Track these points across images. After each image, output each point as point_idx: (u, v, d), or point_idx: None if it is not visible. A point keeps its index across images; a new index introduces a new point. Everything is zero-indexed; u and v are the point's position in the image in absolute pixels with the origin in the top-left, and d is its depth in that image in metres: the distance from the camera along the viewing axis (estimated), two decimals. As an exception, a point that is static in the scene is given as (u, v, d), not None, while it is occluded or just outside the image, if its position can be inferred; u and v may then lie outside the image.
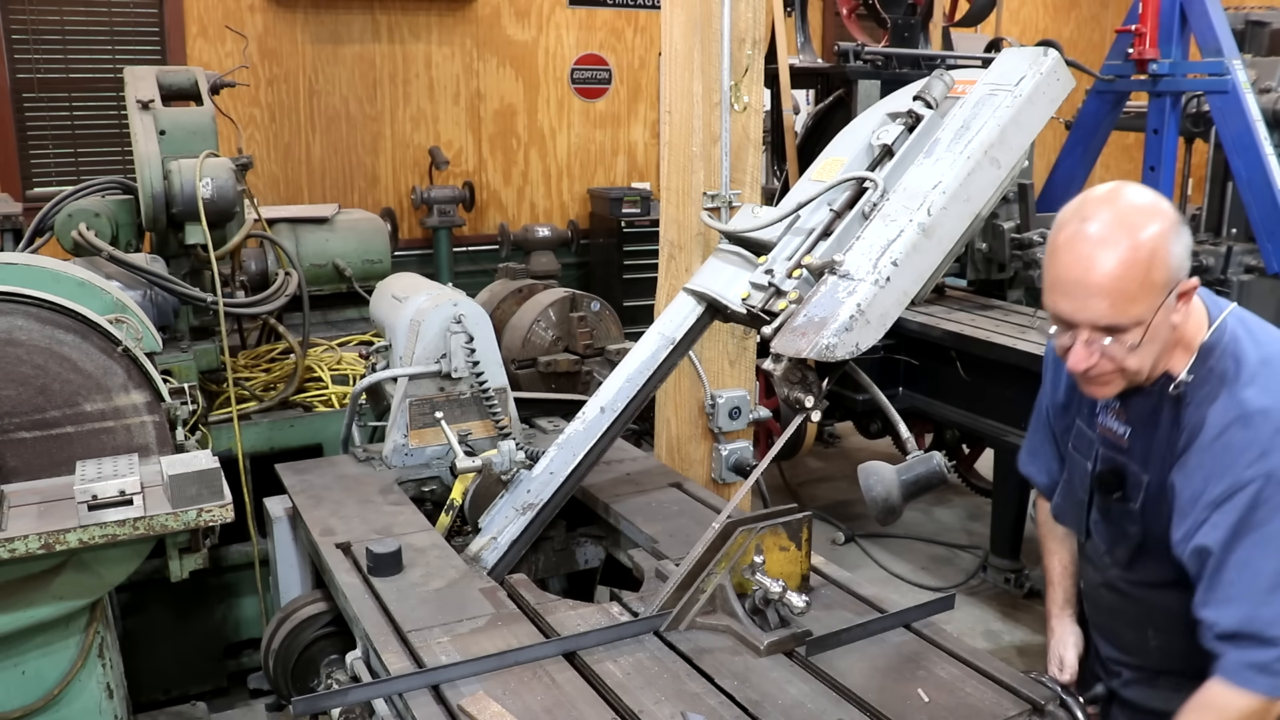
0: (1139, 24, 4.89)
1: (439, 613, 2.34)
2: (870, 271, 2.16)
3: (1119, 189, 1.80)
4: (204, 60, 6.52)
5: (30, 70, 6.30)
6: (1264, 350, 1.78)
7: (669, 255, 3.61)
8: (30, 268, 2.94)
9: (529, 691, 2.05)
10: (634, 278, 7.12)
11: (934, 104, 2.40)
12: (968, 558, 5.24)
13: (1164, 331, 1.77)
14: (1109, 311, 1.73)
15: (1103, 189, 1.82)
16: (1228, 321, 1.83)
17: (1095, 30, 9.42)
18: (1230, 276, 5.15)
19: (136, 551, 2.59)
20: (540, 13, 7.45)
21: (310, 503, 2.97)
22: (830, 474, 6.40)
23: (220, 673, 3.89)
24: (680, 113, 3.47)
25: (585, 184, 7.81)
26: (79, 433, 2.80)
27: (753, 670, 2.12)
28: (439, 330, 3.16)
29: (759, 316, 2.37)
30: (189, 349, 3.68)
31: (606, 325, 4.21)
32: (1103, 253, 1.71)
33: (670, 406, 3.67)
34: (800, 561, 2.35)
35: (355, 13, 6.91)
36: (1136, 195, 1.78)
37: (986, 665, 2.13)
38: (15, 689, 2.58)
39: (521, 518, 2.71)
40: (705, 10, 3.34)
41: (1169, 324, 1.77)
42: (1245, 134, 4.75)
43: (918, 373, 4.95)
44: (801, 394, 2.19)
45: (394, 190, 7.24)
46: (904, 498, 2.15)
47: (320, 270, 4.64)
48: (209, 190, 3.66)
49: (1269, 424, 1.70)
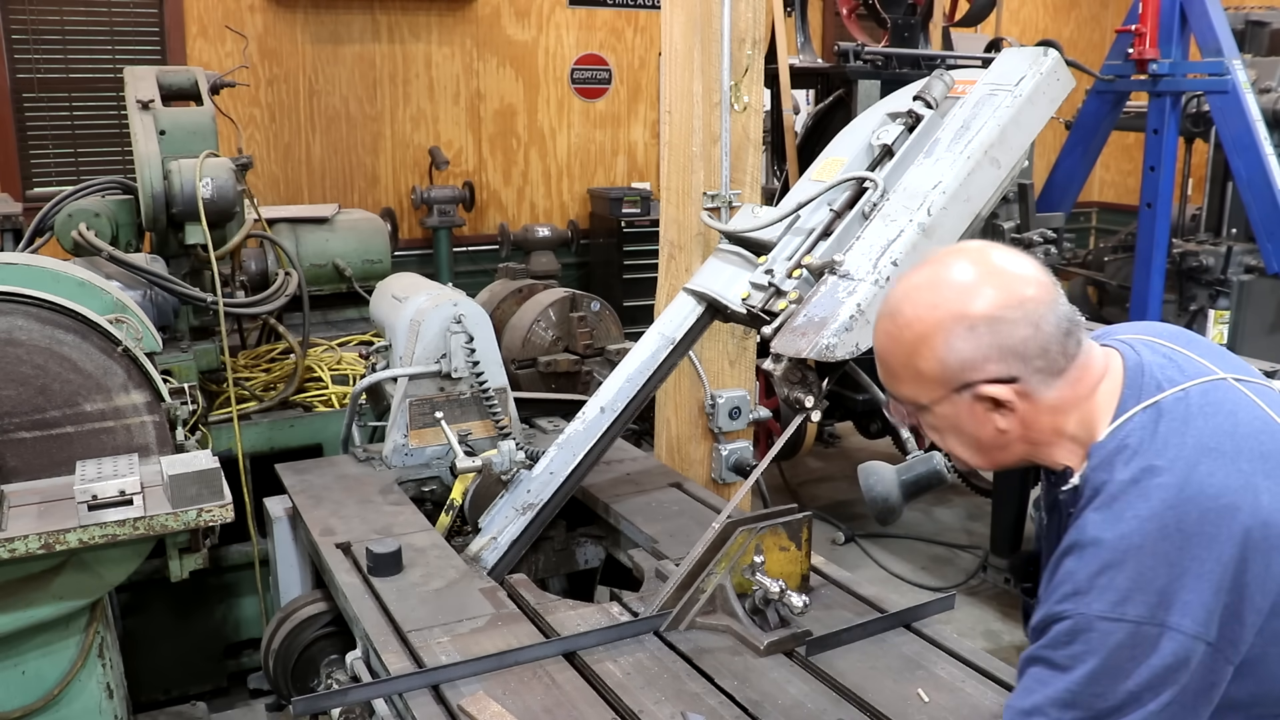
0: (1139, 24, 4.90)
1: (439, 613, 2.34)
2: (870, 271, 2.17)
3: (958, 259, 1.55)
4: (204, 60, 6.52)
5: (30, 70, 6.29)
6: (1147, 463, 1.44)
7: (669, 255, 3.61)
8: (30, 268, 2.94)
9: (529, 691, 2.05)
10: (634, 278, 7.12)
11: (934, 104, 2.40)
12: (968, 558, 5.24)
13: (971, 427, 1.54)
14: (884, 382, 1.61)
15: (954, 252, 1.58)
16: (1135, 419, 1.49)
17: (1095, 30, 9.42)
18: (1230, 276, 5.16)
19: (136, 551, 2.59)
20: (540, 13, 7.45)
21: (310, 503, 2.97)
22: (830, 474, 6.40)
23: (220, 673, 3.89)
24: (680, 113, 3.47)
25: (585, 184, 7.81)
26: (79, 433, 2.80)
27: (753, 670, 2.12)
28: (439, 330, 3.16)
29: (759, 316, 2.38)
30: (189, 349, 3.68)
31: (606, 325, 4.21)
32: (879, 323, 1.60)
33: (670, 406, 3.67)
34: (800, 561, 2.36)
35: (355, 13, 6.91)
36: (953, 272, 1.53)
37: (986, 665, 2.13)
38: (15, 689, 2.58)
39: (521, 518, 2.71)
40: (705, 10, 3.34)
41: (981, 423, 1.53)
42: (1245, 134, 4.76)
43: (918, 373, 4.93)
44: (802, 394, 2.20)
45: (394, 190, 7.24)
46: (904, 498, 2.15)
47: (320, 270, 4.64)
48: (209, 190, 3.66)
49: (1095, 560, 1.41)
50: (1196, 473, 1.42)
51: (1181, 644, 1.37)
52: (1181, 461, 1.44)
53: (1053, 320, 1.49)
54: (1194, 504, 1.40)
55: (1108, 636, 1.39)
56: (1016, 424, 1.53)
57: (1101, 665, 1.40)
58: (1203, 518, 1.40)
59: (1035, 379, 1.50)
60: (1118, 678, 1.39)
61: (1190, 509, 1.40)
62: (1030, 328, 1.48)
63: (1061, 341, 1.50)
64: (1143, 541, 1.40)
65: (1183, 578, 1.38)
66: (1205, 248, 5.38)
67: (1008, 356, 1.48)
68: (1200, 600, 1.38)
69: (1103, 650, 1.39)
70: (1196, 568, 1.38)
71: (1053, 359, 1.50)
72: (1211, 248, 5.36)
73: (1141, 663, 1.38)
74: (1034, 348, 1.48)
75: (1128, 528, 1.41)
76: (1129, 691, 1.39)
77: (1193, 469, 1.43)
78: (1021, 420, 1.53)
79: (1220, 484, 1.41)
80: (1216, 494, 1.41)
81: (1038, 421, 1.53)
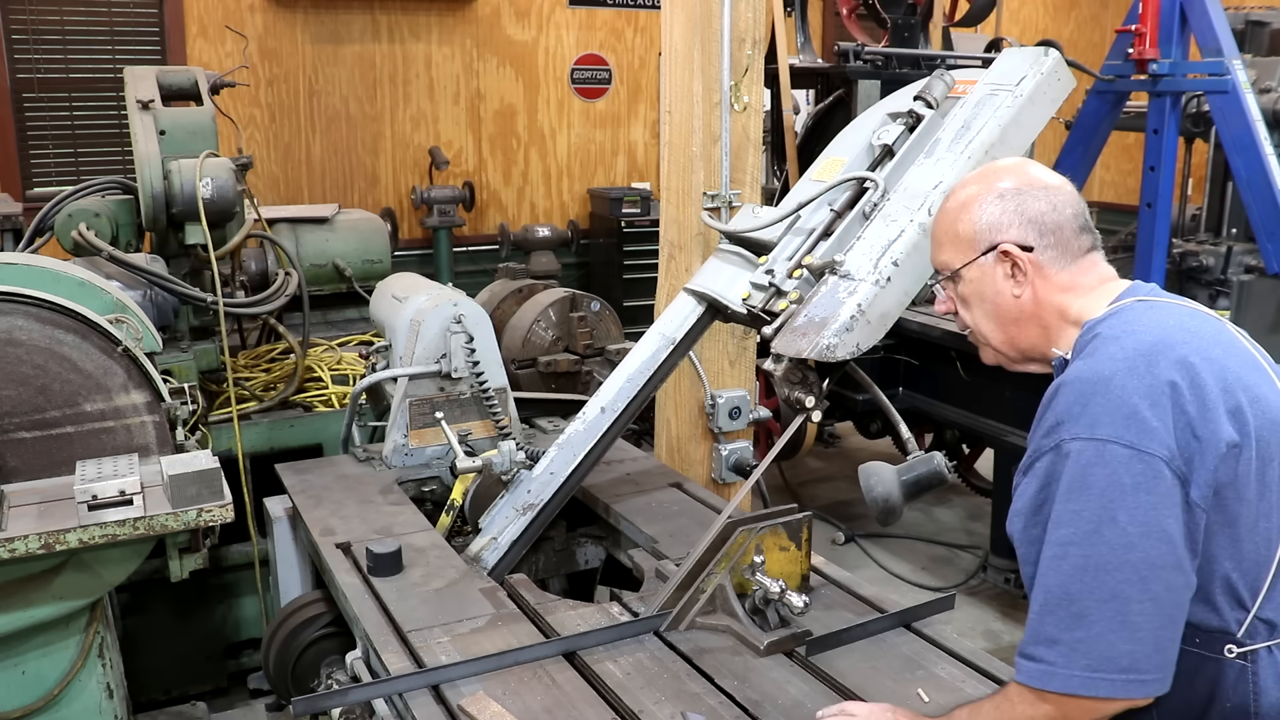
0: (1139, 24, 4.89)
1: (439, 613, 2.34)
2: (871, 271, 2.16)
3: (1003, 161, 1.91)
4: (204, 60, 6.52)
5: (30, 70, 6.29)
6: (1130, 328, 1.64)
7: (669, 255, 3.61)
8: (30, 268, 2.94)
9: (529, 691, 2.05)
10: (634, 278, 7.12)
11: (935, 104, 2.40)
12: (968, 558, 5.24)
13: (991, 293, 1.77)
14: (931, 254, 1.89)
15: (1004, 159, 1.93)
16: (1131, 304, 1.70)
17: (1095, 30, 9.42)
18: (1230, 276, 5.16)
19: (136, 551, 2.59)
20: (540, 13, 7.45)
21: (310, 503, 2.97)
22: (830, 474, 6.40)
23: (220, 673, 3.89)
24: (680, 113, 3.47)
25: (585, 184, 7.81)
26: (79, 433, 2.80)
27: (753, 670, 2.12)
28: (439, 330, 3.15)
29: (759, 316, 2.37)
30: (189, 349, 3.68)
31: (606, 325, 4.21)
32: (940, 206, 1.88)
33: (670, 406, 3.66)
34: (800, 561, 2.35)
35: (355, 13, 6.91)
36: (1003, 165, 1.85)
37: (986, 665, 2.13)
38: (15, 689, 2.58)
39: (522, 518, 2.71)
40: (705, 10, 3.34)
41: (1000, 289, 1.76)
42: (1245, 134, 4.75)
43: (918, 373, 4.95)
44: (802, 394, 2.20)
45: (394, 190, 7.24)
46: (904, 498, 2.15)
47: (320, 270, 4.64)
48: (209, 190, 3.66)
49: (1073, 391, 1.59)
50: (1169, 336, 1.62)
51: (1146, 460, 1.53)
52: (1158, 327, 1.64)
53: (1069, 211, 1.75)
54: (1163, 353, 1.59)
55: (1080, 454, 1.56)
56: (1030, 296, 1.75)
57: (1075, 480, 1.55)
58: (1171, 362, 1.58)
59: (1048, 254, 1.74)
60: (1087, 491, 1.54)
61: (1159, 354, 1.58)
62: (1048, 205, 1.74)
63: (1075, 230, 1.75)
64: (1113, 374, 1.57)
65: (1151, 407, 1.54)
66: (1205, 248, 5.37)
67: (1026, 225, 1.74)
68: (1163, 423, 1.54)
69: (1077, 467, 1.55)
70: (1158, 398, 1.55)
71: (1065, 240, 1.74)
72: (1211, 248, 5.36)
73: (1111, 480, 1.53)
74: (1049, 223, 1.74)
75: (1101, 365, 1.60)
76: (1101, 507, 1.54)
77: (1166, 334, 1.62)
78: (1034, 293, 1.75)
79: (1191, 348, 1.60)
80: (1185, 352, 1.60)
81: (1049, 299, 1.75)
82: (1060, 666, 1.55)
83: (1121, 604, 1.52)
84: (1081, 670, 1.53)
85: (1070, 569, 1.55)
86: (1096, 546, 1.53)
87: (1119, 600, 1.52)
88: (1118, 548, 1.52)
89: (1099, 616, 1.52)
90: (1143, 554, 1.51)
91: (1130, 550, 1.51)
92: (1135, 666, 1.52)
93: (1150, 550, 1.51)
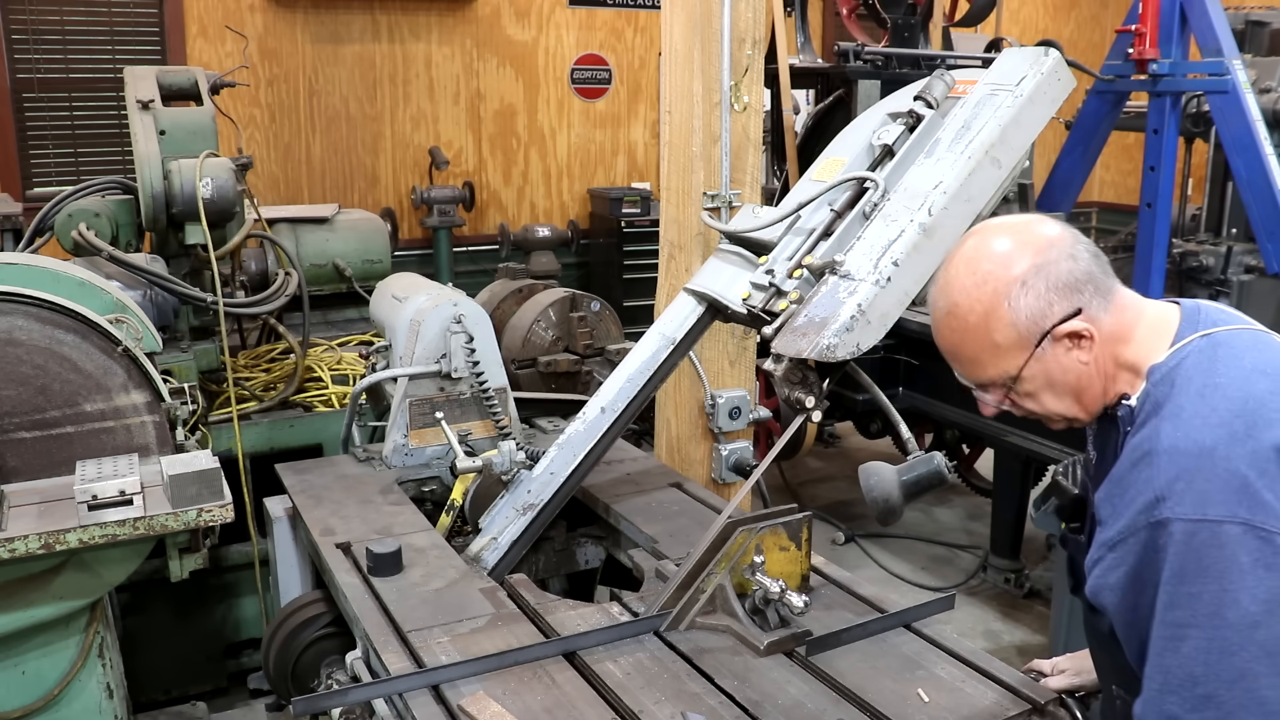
0: (1139, 24, 4.90)
1: (439, 613, 2.34)
2: (871, 272, 2.16)
3: (977, 241, 1.67)
4: (204, 60, 6.52)
5: (30, 70, 6.29)
6: (1211, 379, 1.54)
7: (669, 255, 3.61)
8: (30, 268, 2.94)
9: (529, 691, 2.05)
10: (634, 278, 7.12)
11: (935, 104, 2.40)
12: (968, 558, 5.24)
13: (1060, 374, 1.64)
14: (968, 374, 1.70)
15: (968, 239, 1.70)
16: (1195, 344, 1.60)
17: (1095, 30, 9.42)
18: (1230, 276, 5.16)
19: (136, 551, 2.59)
20: (540, 13, 7.45)
21: (310, 503, 2.96)
22: (830, 474, 6.40)
23: (220, 673, 3.89)
24: (680, 113, 3.47)
25: (585, 184, 7.81)
26: (79, 433, 2.80)
27: (753, 670, 2.12)
28: (439, 330, 3.15)
29: (760, 317, 2.37)
30: (189, 349, 3.68)
31: (606, 325, 4.21)
32: (939, 327, 1.70)
33: (670, 406, 3.66)
34: (800, 561, 2.35)
35: (355, 13, 6.91)
36: (982, 251, 1.65)
37: (986, 665, 2.13)
38: (15, 689, 2.58)
39: (522, 518, 2.71)
40: (705, 10, 3.34)
41: (1067, 366, 1.63)
42: (1245, 134, 4.75)
43: (918, 373, 4.95)
44: (802, 394, 2.19)
45: (394, 190, 7.24)
46: (905, 498, 2.14)
47: (320, 270, 4.64)
48: (209, 190, 3.66)
49: (1173, 466, 1.48)
50: (1255, 388, 1.51)
51: (1263, 536, 1.44)
52: (1240, 379, 1.53)
53: (1083, 250, 1.63)
54: (1259, 413, 1.49)
55: (1192, 537, 1.45)
56: (1094, 354, 1.63)
57: (1190, 564, 1.46)
58: (1269, 422, 1.48)
59: (1094, 304, 1.62)
60: (1204, 574, 1.45)
61: (1257, 416, 1.48)
62: (1069, 260, 1.61)
63: (1100, 265, 1.63)
64: (1215, 444, 1.47)
65: (1260, 477, 1.45)
66: (1205, 248, 5.38)
67: (1064, 291, 1.60)
68: (1275, 494, 1.45)
69: (1189, 550, 1.45)
70: (1266, 466, 1.46)
71: (1099, 281, 1.62)
72: (1211, 248, 5.36)
73: (1230, 561, 1.44)
74: (1080, 275, 1.61)
75: (1198, 434, 1.49)
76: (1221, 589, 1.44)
77: (1251, 385, 1.52)
78: (1097, 349, 1.63)
79: (1277, 401, 1.50)
80: (1276, 406, 1.50)
81: (1104, 351, 1.64)
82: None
83: (1251, 682, 1.45)
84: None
85: (1192, 651, 1.48)
86: (1220, 629, 1.46)
87: (1248, 679, 1.45)
88: (1242, 629, 1.45)
89: (1228, 697, 1.46)
90: (1269, 631, 1.45)
91: (1256, 630, 1.45)
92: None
93: (1277, 627, 1.45)
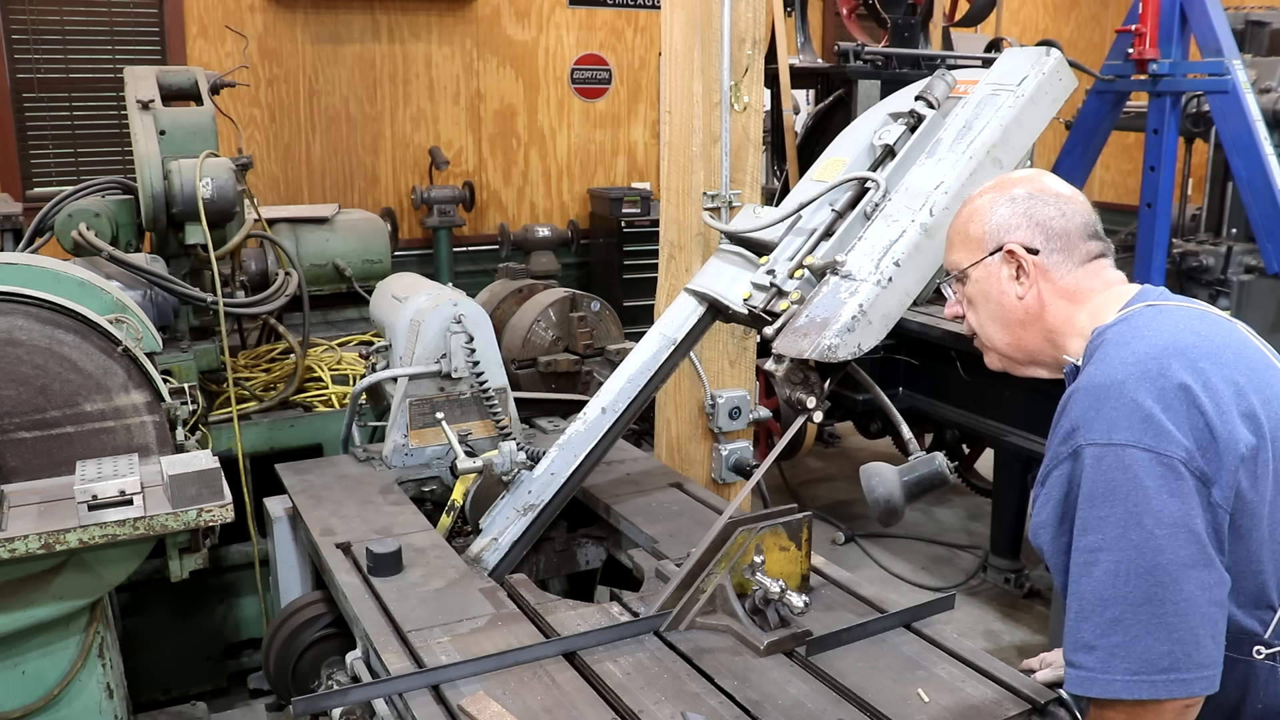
0: (1139, 24, 4.89)
1: (439, 613, 2.34)
2: (872, 272, 2.16)
3: (1030, 170, 1.93)
4: (204, 60, 6.52)
5: (30, 70, 6.29)
6: (1141, 333, 1.64)
7: (669, 255, 3.61)
8: (30, 268, 2.93)
9: (529, 691, 2.05)
10: (634, 278, 7.12)
11: (936, 104, 2.40)
12: (968, 558, 5.24)
13: (996, 294, 1.80)
14: (945, 256, 1.93)
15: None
16: (1140, 310, 1.70)
17: (1095, 30, 9.42)
18: (1230, 276, 5.16)
19: (136, 551, 2.59)
20: (540, 13, 7.45)
21: (310, 503, 2.96)
22: (830, 474, 6.40)
23: (220, 673, 3.89)
24: (680, 113, 3.47)
25: (585, 184, 7.81)
26: (79, 433, 2.80)
27: (753, 670, 2.12)
28: (439, 330, 3.15)
29: (760, 317, 2.37)
30: (189, 349, 3.68)
31: (606, 325, 4.21)
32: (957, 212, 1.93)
33: (670, 406, 3.66)
34: (800, 561, 2.35)
35: (355, 13, 6.91)
36: (1019, 175, 1.88)
37: (986, 665, 2.13)
38: (15, 689, 2.58)
39: (523, 519, 2.71)
40: (705, 10, 3.34)
41: (1004, 290, 1.79)
42: (1245, 134, 4.75)
43: (918, 373, 4.95)
44: (803, 395, 2.19)
45: (394, 190, 7.24)
46: (906, 498, 2.14)
47: (320, 270, 4.64)
48: (209, 190, 3.66)
49: (1087, 398, 1.59)
50: (1180, 340, 1.62)
51: (1165, 462, 1.52)
52: (1168, 331, 1.64)
53: (1078, 219, 1.78)
54: (1175, 359, 1.58)
55: (1099, 461, 1.55)
56: (1034, 298, 1.78)
57: (1097, 486, 1.55)
58: (1184, 368, 1.57)
59: (1054, 258, 1.77)
60: (1110, 496, 1.54)
61: (1172, 360, 1.58)
62: (1057, 211, 1.78)
63: (1083, 237, 1.78)
64: (1125, 378, 1.57)
65: (1165, 411, 1.54)
66: (1205, 248, 5.37)
67: (1034, 228, 1.77)
68: (1178, 425, 1.53)
69: (1097, 472, 1.55)
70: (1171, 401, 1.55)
71: (1071, 245, 1.77)
72: (1211, 248, 5.36)
73: (1134, 484, 1.52)
74: (1057, 228, 1.77)
75: (1113, 370, 1.60)
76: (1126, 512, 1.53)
77: (1176, 338, 1.62)
78: (1039, 297, 1.78)
79: (1201, 352, 1.60)
80: (1196, 356, 1.59)
81: (1055, 305, 1.77)
82: (1099, 672, 1.54)
83: (1155, 606, 1.51)
84: (1122, 675, 1.53)
85: (1101, 575, 1.54)
86: (1125, 550, 1.52)
87: (1152, 603, 1.51)
88: (1146, 551, 1.51)
89: (1134, 620, 1.52)
90: (1172, 555, 1.51)
91: (1159, 553, 1.51)
92: (1175, 667, 1.51)
93: (1179, 550, 1.51)
